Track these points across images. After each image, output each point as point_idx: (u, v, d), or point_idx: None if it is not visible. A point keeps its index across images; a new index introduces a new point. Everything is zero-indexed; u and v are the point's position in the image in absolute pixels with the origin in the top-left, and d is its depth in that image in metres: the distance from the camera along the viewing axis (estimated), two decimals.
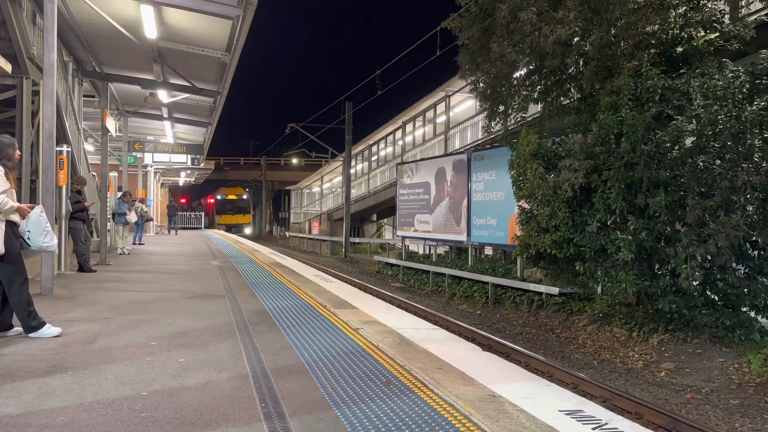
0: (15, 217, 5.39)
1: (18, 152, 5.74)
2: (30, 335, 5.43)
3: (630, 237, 8.85)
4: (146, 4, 9.97)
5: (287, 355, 4.85)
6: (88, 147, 21.59)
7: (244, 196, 54.74)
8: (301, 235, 43.89)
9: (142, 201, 23.68)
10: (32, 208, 5.55)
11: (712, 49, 9.68)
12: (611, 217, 9.34)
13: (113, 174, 19.21)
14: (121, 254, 15.64)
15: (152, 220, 23.78)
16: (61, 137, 11.87)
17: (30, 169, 10.85)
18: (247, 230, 52.09)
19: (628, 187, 9.12)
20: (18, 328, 5.52)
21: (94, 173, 18.27)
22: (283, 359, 4.71)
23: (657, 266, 9.45)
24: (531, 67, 11.26)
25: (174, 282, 9.87)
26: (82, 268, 11.05)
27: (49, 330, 5.48)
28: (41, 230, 5.47)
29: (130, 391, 3.88)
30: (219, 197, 53.88)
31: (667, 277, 9.00)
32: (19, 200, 6.08)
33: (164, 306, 7.34)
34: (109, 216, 16.14)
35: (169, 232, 32.37)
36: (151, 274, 11.20)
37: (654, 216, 8.80)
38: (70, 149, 11.11)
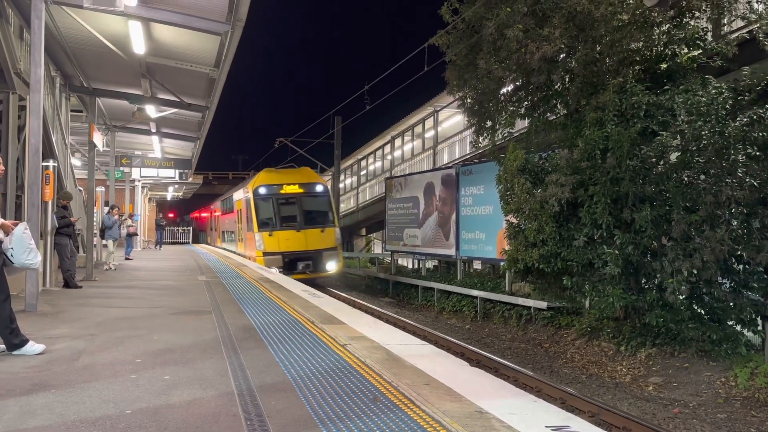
0: None
1: (2, 167, 5.70)
2: (13, 353, 5.36)
3: (617, 251, 8.90)
4: (134, 20, 9.98)
5: (274, 371, 4.81)
6: (75, 162, 21.49)
7: (320, 188, 22.59)
8: None
9: (131, 216, 23.57)
10: (16, 224, 5.49)
11: (695, 65, 9.83)
12: (597, 232, 9.41)
13: (100, 189, 19.09)
14: (107, 270, 15.50)
15: (137, 235, 23.58)
16: (48, 152, 11.80)
17: (16, 184, 10.77)
18: (332, 265, 21.09)
19: (614, 202, 9.19)
20: (1, 346, 5.44)
21: (81, 188, 18.16)
22: (269, 376, 4.67)
23: (644, 280, 9.51)
24: (518, 84, 11.38)
25: (160, 298, 9.79)
26: (68, 284, 10.93)
27: (32, 347, 5.41)
28: (25, 247, 5.41)
29: (114, 410, 3.83)
30: (262, 191, 21.98)
31: (654, 291, 9.06)
32: (3, 216, 6.03)
33: (150, 322, 7.27)
34: (96, 231, 16.02)
35: (155, 246, 32.24)
36: (138, 290, 11.10)
37: (640, 230, 8.87)
38: (56, 164, 11.03)
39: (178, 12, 9.62)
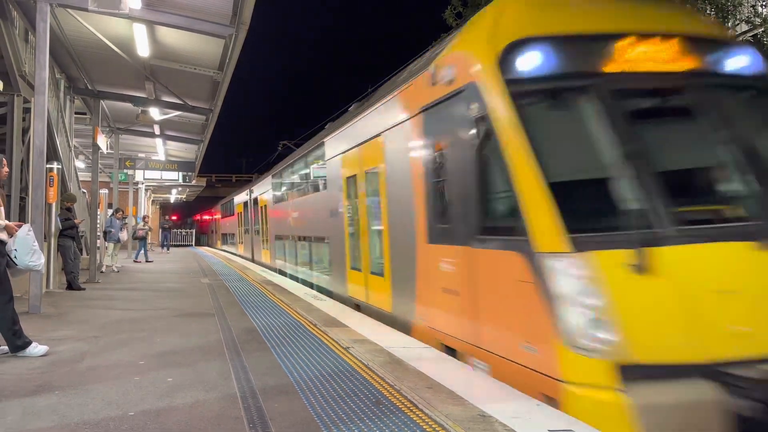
0: (2, 236, 5.36)
1: (6, 169, 5.72)
2: (16, 354, 5.37)
3: None
4: (139, 22, 10.01)
5: (276, 374, 4.82)
6: (79, 164, 21.53)
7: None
8: None
9: (144, 219, 23.80)
10: (20, 226, 5.51)
11: None
12: None
13: (104, 191, 19.14)
14: (111, 272, 15.54)
15: (143, 238, 23.66)
16: (52, 154, 11.83)
17: (20, 186, 10.80)
18: None
19: None
20: (4, 347, 5.46)
21: (85, 190, 18.20)
22: (272, 379, 4.67)
23: None
24: None
25: (163, 300, 9.80)
26: (71, 285, 10.96)
27: (35, 349, 5.42)
28: (28, 249, 5.43)
29: (117, 411, 3.84)
30: (546, 65, 4.45)
31: None
32: (8, 218, 6.05)
33: (153, 324, 7.28)
34: (99, 233, 16.06)
35: (162, 249, 32.36)
36: (141, 292, 11.11)
37: None
38: (60, 166, 11.07)
39: (182, 15, 9.65)
